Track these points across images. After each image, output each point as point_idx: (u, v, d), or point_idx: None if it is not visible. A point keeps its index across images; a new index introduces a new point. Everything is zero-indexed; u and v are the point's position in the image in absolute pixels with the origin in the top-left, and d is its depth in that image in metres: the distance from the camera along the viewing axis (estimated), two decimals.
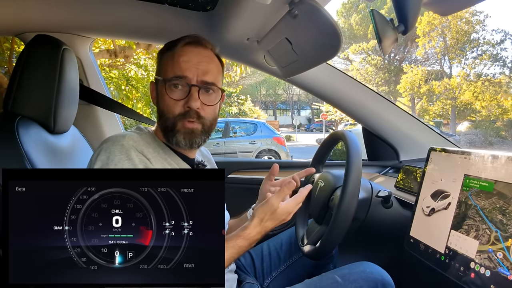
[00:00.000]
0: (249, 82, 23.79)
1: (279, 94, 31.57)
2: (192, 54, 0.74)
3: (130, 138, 0.69)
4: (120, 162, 0.65)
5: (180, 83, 0.72)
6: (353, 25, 22.56)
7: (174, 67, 0.73)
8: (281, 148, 7.61)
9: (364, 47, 19.89)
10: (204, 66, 0.74)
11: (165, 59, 0.76)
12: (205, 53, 0.76)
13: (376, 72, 20.21)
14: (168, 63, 0.74)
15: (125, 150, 0.66)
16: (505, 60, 16.66)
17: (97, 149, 0.69)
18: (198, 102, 0.72)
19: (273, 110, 33.08)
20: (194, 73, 0.73)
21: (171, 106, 0.73)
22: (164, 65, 0.75)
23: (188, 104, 0.72)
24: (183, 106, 0.72)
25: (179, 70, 0.72)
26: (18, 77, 0.84)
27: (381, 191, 0.88)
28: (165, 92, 0.73)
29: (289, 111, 33.98)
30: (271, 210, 0.72)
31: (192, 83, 0.72)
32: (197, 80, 0.73)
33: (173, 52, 0.74)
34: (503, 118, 16.01)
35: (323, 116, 19.13)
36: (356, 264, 0.83)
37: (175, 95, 0.72)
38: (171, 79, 0.72)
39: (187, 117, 0.72)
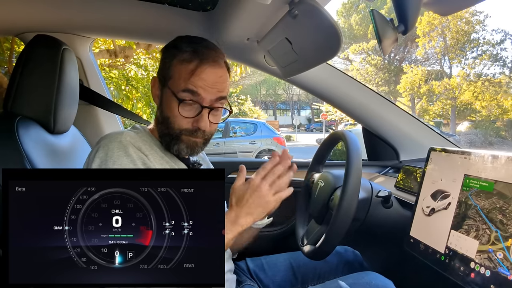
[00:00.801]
0: (249, 82, 23.79)
1: (279, 94, 31.58)
2: (209, 74, 0.71)
3: (128, 135, 0.69)
4: (118, 159, 0.65)
5: (191, 100, 0.71)
6: (353, 25, 22.56)
7: (188, 83, 0.70)
8: (281, 148, 7.61)
9: (364, 47, 19.89)
10: (219, 87, 0.73)
11: (177, 67, 0.72)
12: (220, 73, 0.74)
13: (376, 72, 20.21)
14: (182, 75, 0.71)
15: (123, 147, 0.66)
16: (505, 60, 16.67)
17: (94, 146, 0.69)
18: (208, 123, 0.73)
19: (273, 110, 33.09)
20: (208, 94, 0.71)
21: (179, 119, 0.72)
22: (175, 73, 0.72)
23: (197, 124, 0.72)
24: (191, 123, 0.73)
25: (194, 87, 0.70)
26: (18, 77, 0.84)
27: (381, 191, 0.88)
28: (175, 104, 0.71)
29: (289, 111, 33.98)
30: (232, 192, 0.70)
31: (204, 104, 0.72)
32: (210, 101, 0.72)
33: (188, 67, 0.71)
34: (503, 118, 16.01)
35: (323, 116, 19.14)
36: (361, 274, 0.83)
37: (185, 112, 0.71)
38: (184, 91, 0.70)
39: (193, 134, 0.73)
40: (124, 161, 0.65)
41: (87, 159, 0.69)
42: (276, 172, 0.71)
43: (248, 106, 14.26)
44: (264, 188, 0.68)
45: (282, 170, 0.71)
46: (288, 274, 0.99)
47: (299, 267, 1.00)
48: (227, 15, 0.88)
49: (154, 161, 0.71)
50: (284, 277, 0.98)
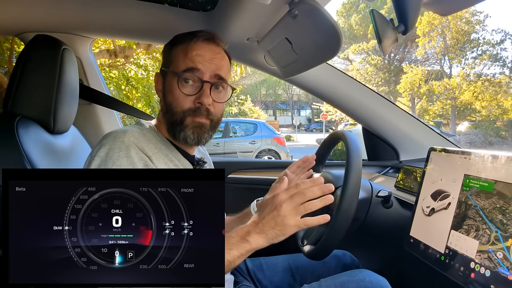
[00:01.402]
0: (249, 82, 23.79)
1: (279, 94, 31.58)
2: (205, 49, 0.73)
3: (131, 134, 0.68)
4: (118, 160, 0.63)
5: (192, 77, 0.71)
6: (353, 25, 22.56)
7: (187, 60, 0.72)
8: (281, 148, 7.62)
9: (364, 47, 19.89)
10: (217, 62, 0.74)
11: (176, 51, 0.75)
12: (217, 50, 0.76)
13: (376, 72, 20.21)
14: (180, 56, 0.73)
15: (125, 147, 0.65)
16: (505, 60, 16.67)
17: (97, 144, 0.67)
18: (210, 99, 0.72)
19: (273, 110, 33.09)
20: (207, 68, 0.72)
21: (181, 100, 0.72)
22: (175, 57, 0.74)
23: (199, 100, 0.71)
24: (193, 101, 0.72)
25: (192, 63, 0.71)
26: (18, 77, 0.84)
27: (381, 191, 0.88)
28: (176, 85, 0.72)
29: (289, 111, 33.98)
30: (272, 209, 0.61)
31: (205, 78, 0.72)
32: (210, 76, 0.73)
33: (186, 46, 0.73)
34: (503, 118, 16.01)
35: (323, 116, 19.13)
36: (355, 272, 0.82)
37: (186, 90, 0.71)
38: (184, 71, 0.71)
39: (197, 113, 0.72)
40: (123, 162, 0.64)
41: (89, 156, 0.68)
42: (308, 194, 0.60)
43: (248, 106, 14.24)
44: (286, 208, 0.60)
45: (318, 193, 0.61)
46: (286, 275, 0.99)
47: (298, 269, 0.99)
48: (227, 15, 0.88)
49: (157, 162, 0.69)
50: (282, 278, 0.98)
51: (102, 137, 0.68)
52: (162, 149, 0.73)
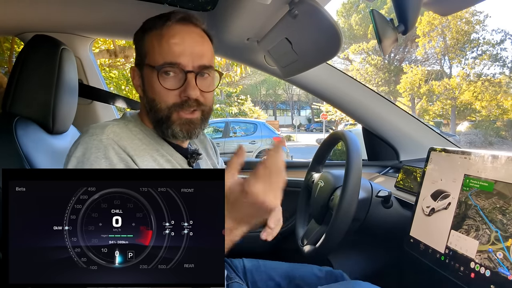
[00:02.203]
0: (249, 82, 23.80)
1: (279, 94, 31.58)
2: (183, 34, 0.64)
3: (111, 131, 0.61)
4: (96, 161, 0.58)
5: (173, 70, 0.63)
6: (353, 25, 22.56)
7: (164, 52, 0.62)
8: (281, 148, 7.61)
9: (364, 47, 19.89)
10: (198, 48, 0.64)
11: (150, 40, 0.65)
12: (196, 32, 0.66)
13: (376, 72, 20.21)
14: (155, 46, 0.64)
15: (103, 147, 0.59)
16: (505, 60, 16.68)
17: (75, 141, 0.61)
18: (197, 90, 0.64)
19: (273, 110, 33.09)
20: (189, 58, 0.63)
21: (164, 95, 0.64)
22: (150, 48, 0.65)
23: (186, 94, 0.63)
24: (179, 95, 0.64)
25: (171, 56, 0.62)
26: (17, 77, 0.84)
27: (381, 191, 0.88)
28: (156, 80, 0.63)
29: (289, 111, 33.98)
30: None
31: (188, 69, 0.63)
32: (193, 66, 0.64)
33: (160, 32, 0.64)
34: (503, 118, 16.02)
35: (323, 116, 19.14)
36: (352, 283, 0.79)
37: (168, 84, 0.63)
38: (163, 66, 0.62)
39: (185, 107, 0.64)
40: (102, 164, 0.58)
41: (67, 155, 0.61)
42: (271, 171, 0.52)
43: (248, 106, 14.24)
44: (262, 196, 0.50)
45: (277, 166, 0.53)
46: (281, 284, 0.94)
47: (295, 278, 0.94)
48: (227, 15, 0.88)
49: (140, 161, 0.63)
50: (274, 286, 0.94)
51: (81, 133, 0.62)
52: (150, 143, 0.67)
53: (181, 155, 0.72)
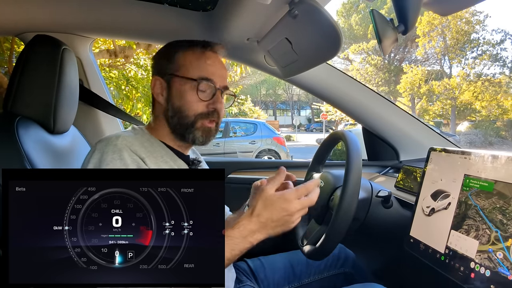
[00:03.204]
0: (249, 82, 23.79)
1: (279, 94, 31.57)
2: (215, 59, 0.79)
3: (124, 139, 0.70)
4: (112, 162, 0.65)
5: (207, 85, 0.76)
6: (353, 25, 22.56)
7: (201, 69, 0.76)
8: (281, 148, 7.62)
9: (364, 47, 19.89)
10: (223, 73, 0.80)
11: (184, 58, 0.78)
12: (222, 61, 0.82)
13: (376, 72, 20.21)
14: (193, 64, 0.77)
15: (118, 150, 0.67)
16: (505, 60, 16.68)
17: (91, 149, 0.70)
18: (223, 104, 0.79)
19: (273, 110, 33.08)
20: (218, 78, 0.78)
21: (195, 104, 0.76)
22: (185, 64, 0.77)
23: (214, 106, 0.77)
24: (207, 106, 0.77)
25: (207, 73, 0.76)
26: (18, 77, 0.84)
27: (381, 191, 0.88)
28: (189, 90, 0.76)
29: (289, 111, 33.98)
30: (262, 197, 0.63)
31: (218, 86, 0.77)
32: (220, 85, 0.78)
33: (196, 54, 0.78)
34: (503, 118, 16.01)
35: (323, 116, 19.13)
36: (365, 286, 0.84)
37: (202, 96, 0.76)
38: (201, 80, 0.75)
39: (209, 117, 0.77)
40: (117, 164, 0.65)
41: (83, 162, 0.70)
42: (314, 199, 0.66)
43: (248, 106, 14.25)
44: (294, 208, 0.63)
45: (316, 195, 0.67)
46: (287, 272, 1.01)
47: (298, 265, 1.02)
48: (227, 15, 0.88)
49: (150, 163, 0.71)
50: (283, 275, 1.00)
51: (96, 143, 0.70)
52: (156, 151, 0.75)
53: (184, 162, 0.80)
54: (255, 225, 0.62)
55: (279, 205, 0.63)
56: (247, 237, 0.62)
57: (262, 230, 0.63)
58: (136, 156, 0.69)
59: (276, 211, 0.63)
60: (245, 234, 0.62)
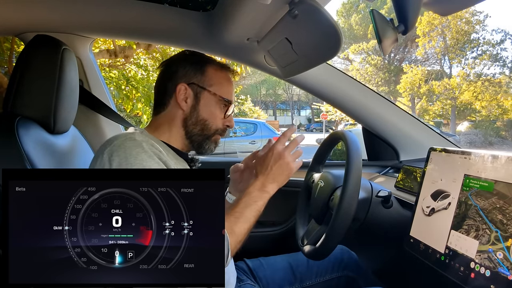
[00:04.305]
0: (249, 82, 23.78)
1: (279, 94, 31.55)
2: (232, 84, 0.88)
3: (137, 135, 0.71)
4: (139, 155, 0.66)
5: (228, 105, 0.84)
6: (353, 25, 22.55)
7: (230, 92, 0.85)
8: None
9: (364, 47, 19.88)
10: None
11: (216, 75, 0.84)
12: None
13: (376, 72, 20.21)
14: (223, 84, 0.84)
15: (138, 143, 0.68)
16: (505, 60, 16.67)
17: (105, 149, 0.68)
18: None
19: (273, 110, 33.07)
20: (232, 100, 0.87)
21: (218, 120, 0.84)
22: (218, 82, 0.83)
23: (228, 123, 0.86)
24: (222, 123, 0.85)
25: (230, 96, 0.85)
26: (18, 77, 0.84)
27: (381, 191, 0.88)
28: (219, 108, 0.83)
29: (289, 111, 33.96)
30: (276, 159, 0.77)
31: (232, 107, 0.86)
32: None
33: (225, 74, 0.86)
34: (503, 118, 16.01)
35: (323, 116, 19.12)
36: None
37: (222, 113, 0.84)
38: (227, 100, 0.83)
39: (223, 132, 0.86)
40: (143, 156, 0.67)
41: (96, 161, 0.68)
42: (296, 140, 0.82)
43: (248, 106, 14.24)
44: (287, 155, 0.77)
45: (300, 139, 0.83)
46: (287, 274, 1.00)
47: (298, 267, 1.02)
48: (227, 15, 0.88)
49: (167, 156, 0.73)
50: (283, 276, 1.00)
51: (108, 141, 0.70)
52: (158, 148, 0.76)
53: (184, 160, 0.84)
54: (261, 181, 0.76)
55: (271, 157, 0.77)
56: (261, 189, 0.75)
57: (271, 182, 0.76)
58: (154, 149, 0.70)
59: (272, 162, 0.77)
60: (258, 188, 0.75)
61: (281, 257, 1.05)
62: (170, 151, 0.80)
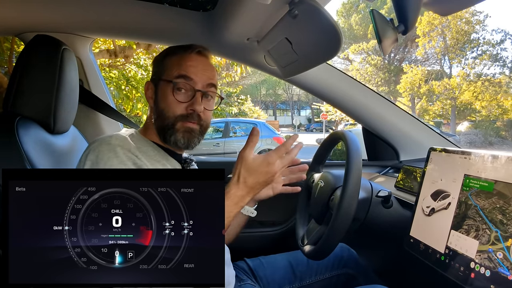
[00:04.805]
0: (249, 82, 23.79)
1: (279, 94, 31.56)
2: (198, 61, 0.79)
3: (116, 138, 0.71)
4: (109, 160, 0.67)
5: (185, 86, 0.76)
6: (353, 25, 22.56)
7: (181, 71, 0.76)
8: None
9: (364, 47, 19.89)
10: (207, 74, 0.79)
11: (169, 61, 0.79)
12: (207, 62, 0.81)
13: (376, 72, 20.21)
14: (174, 66, 0.77)
15: (112, 148, 0.68)
16: (505, 60, 16.68)
17: (85, 150, 0.71)
18: (202, 106, 0.77)
19: (273, 110, 33.07)
20: (200, 79, 0.77)
21: (174, 106, 0.76)
22: (169, 67, 0.78)
23: (192, 107, 0.76)
24: (186, 108, 0.76)
25: (185, 72, 0.76)
26: (18, 77, 0.84)
27: (381, 191, 0.88)
28: (169, 92, 0.76)
29: (289, 111, 33.97)
30: (241, 162, 0.68)
31: (197, 88, 0.77)
32: (202, 86, 0.78)
33: (180, 56, 0.78)
34: (503, 118, 16.01)
35: (323, 116, 19.12)
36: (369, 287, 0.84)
37: (180, 97, 0.76)
38: (177, 77, 0.76)
39: (189, 119, 0.77)
40: (114, 162, 0.67)
41: (78, 162, 0.71)
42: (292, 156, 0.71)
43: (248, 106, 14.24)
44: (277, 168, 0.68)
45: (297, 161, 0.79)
46: (287, 272, 1.00)
47: (298, 265, 1.02)
48: (227, 15, 0.88)
49: (145, 160, 0.72)
50: (283, 275, 1.00)
51: (90, 144, 0.72)
52: (148, 151, 0.77)
53: (176, 161, 0.82)
54: (243, 191, 0.68)
55: (263, 169, 0.68)
56: (238, 203, 0.68)
57: (250, 193, 0.69)
58: (130, 153, 0.70)
59: (261, 175, 0.68)
60: (236, 201, 0.67)
61: (281, 256, 1.06)
62: (160, 152, 0.79)
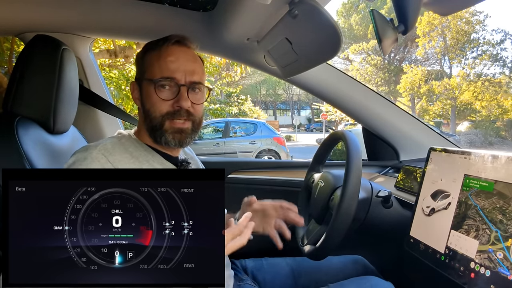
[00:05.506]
0: (249, 82, 23.80)
1: (279, 94, 31.55)
2: (178, 53, 0.74)
3: (103, 147, 0.68)
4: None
5: (168, 83, 0.72)
6: (353, 25, 22.56)
7: (162, 68, 0.72)
8: (281, 148, 7.62)
9: (364, 47, 19.89)
10: (190, 66, 0.74)
11: (149, 59, 0.75)
12: (189, 53, 0.76)
13: (376, 72, 20.21)
14: (154, 64, 0.73)
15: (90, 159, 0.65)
16: (505, 60, 16.69)
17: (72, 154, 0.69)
18: (189, 101, 0.72)
19: (273, 110, 33.07)
20: (182, 74, 0.72)
21: (159, 105, 0.72)
22: (150, 65, 0.74)
23: (178, 104, 0.72)
24: (172, 105, 0.72)
25: (167, 71, 0.72)
26: (18, 77, 0.84)
27: (381, 191, 0.88)
28: (153, 91, 0.71)
29: (289, 111, 33.97)
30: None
31: (181, 83, 0.72)
32: (185, 81, 0.73)
33: (158, 52, 0.73)
34: (503, 118, 16.01)
35: (323, 116, 19.12)
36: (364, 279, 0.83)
37: (164, 95, 0.72)
38: (160, 80, 0.71)
39: (176, 116, 0.72)
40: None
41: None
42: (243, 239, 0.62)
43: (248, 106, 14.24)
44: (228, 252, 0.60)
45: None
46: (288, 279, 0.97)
47: (300, 274, 0.98)
48: (227, 15, 0.88)
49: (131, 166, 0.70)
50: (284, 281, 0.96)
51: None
52: (141, 155, 0.73)
53: (172, 164, 0.78)
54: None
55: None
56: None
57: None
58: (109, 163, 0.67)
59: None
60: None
61: (285, 261, 1.02)
62: (155, 156, 0.75)
